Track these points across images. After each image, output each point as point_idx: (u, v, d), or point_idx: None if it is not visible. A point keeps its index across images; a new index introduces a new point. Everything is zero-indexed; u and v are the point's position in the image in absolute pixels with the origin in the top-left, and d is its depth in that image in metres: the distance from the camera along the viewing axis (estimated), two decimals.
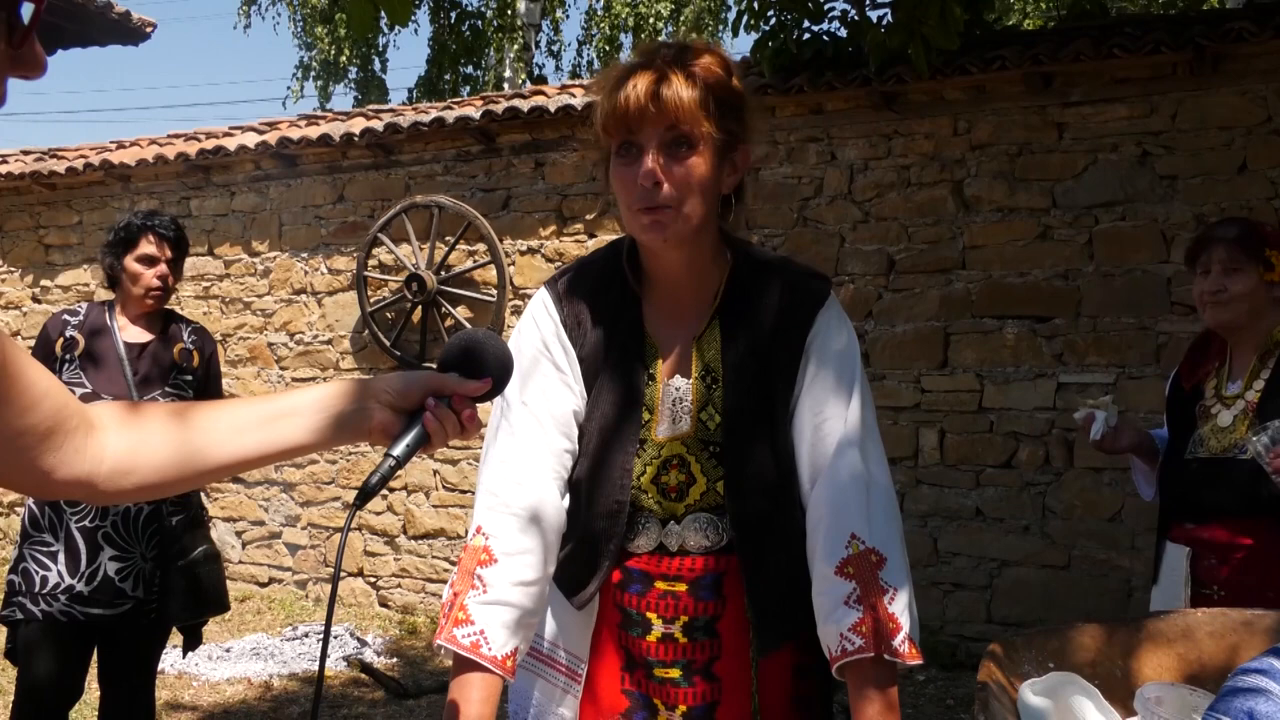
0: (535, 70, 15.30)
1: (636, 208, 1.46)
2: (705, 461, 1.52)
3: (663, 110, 1.41)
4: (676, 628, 1.52)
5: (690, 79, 1.43)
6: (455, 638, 1.39)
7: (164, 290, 3.07)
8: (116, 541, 2.90)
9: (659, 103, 1.41)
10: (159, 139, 7.23)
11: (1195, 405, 2.56)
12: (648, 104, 1.41)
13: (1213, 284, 2.51)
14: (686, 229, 1.46)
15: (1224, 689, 1.07)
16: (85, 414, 0.99)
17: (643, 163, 1.43)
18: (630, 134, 1.45)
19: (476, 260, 6.27)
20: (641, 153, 1.44)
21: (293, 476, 6.80)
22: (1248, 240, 2.48)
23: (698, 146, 1.44)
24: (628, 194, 1.46)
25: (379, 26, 13.33)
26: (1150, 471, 2.76)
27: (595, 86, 1.52)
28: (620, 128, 1.45)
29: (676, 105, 1.41)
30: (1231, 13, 5.07)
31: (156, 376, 3.03)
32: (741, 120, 1.49)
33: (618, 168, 1.47)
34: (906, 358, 5.29)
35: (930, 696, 4.75)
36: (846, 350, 1.54)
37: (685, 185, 1.44)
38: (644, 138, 1.44)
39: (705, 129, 1.43)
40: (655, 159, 1.43)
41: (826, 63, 5.26)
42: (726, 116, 1.46)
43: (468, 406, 1.10)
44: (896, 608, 1.40)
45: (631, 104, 1.42)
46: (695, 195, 1.45)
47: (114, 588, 2.89)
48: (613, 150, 1.48)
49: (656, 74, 1.43)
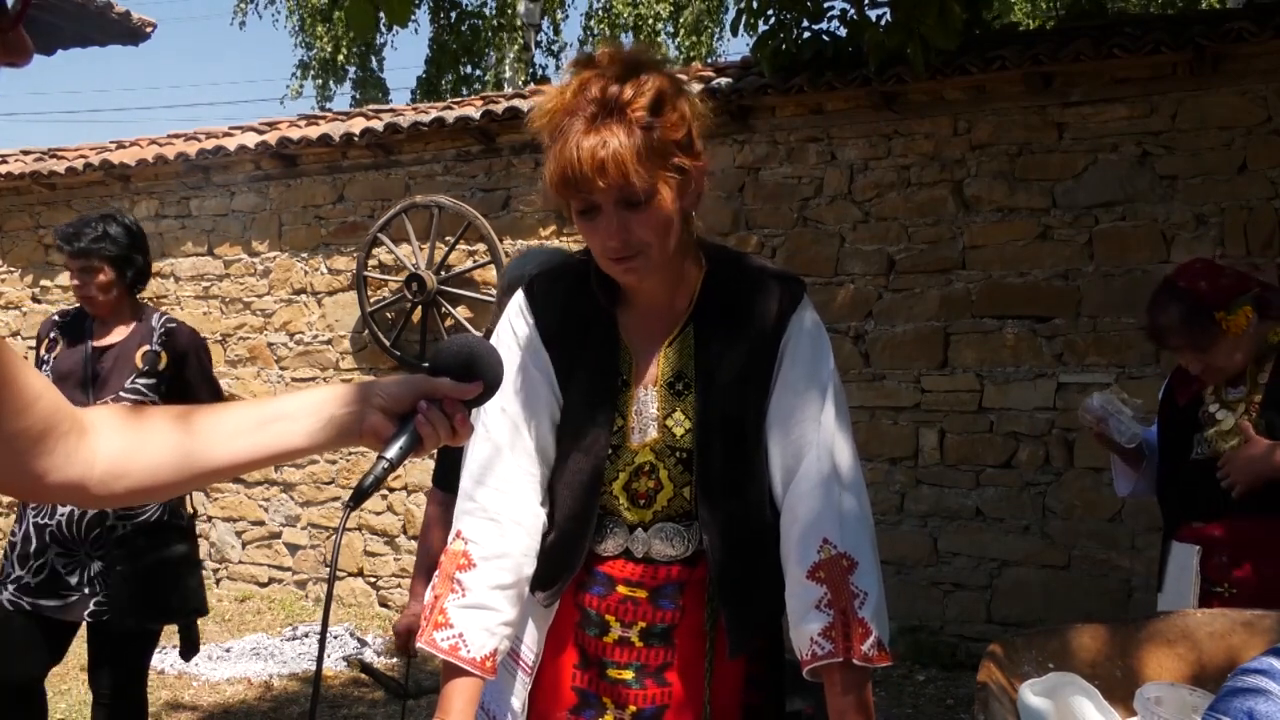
0: (538, 71, 15.30)
1: (607, 259, 1.47)
2: (673, 468, 1.53)
3: (609, 176, 1.38)
4: (634, 633, 1.54)
5: (629, 129, 1.38)
6: (435, 640, 1.45)
7: (105, 299, 3.03)
8: (61, 539, 2.94)
9: (604, 171, 1.38)
10: (159, 139, 7.23)
11: (1197, 411, 2.57)
12: (594, 175, 1.38)
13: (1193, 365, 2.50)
14: (659, 265, 1.48)
15: (1224, 689, 1.07)
16: (78, 417, 0.98)
17: (602, 224, 1.43)
18: (585, 197, 1.42)
19: (476, 260, 6.27)
20: (599, 211, 1.43)
21: (293, 477, 6.80)
22: (1196, 319, 2.43)
23: (654, 198, 1.42)
24: (595, 247, 1.47)
25: (378, 26, 13.34)
26: (1129, 470, 2.78)
27: (537, 118, 1.45)
28: (573, 194, 1.43)
29: (621, 169, 1.37)
30: (1231, 13, 5.07)
31: (114, 380, 2.99)
32: (690, 146, 1.46)
33: (582, 224, 1.46)
34: (906, 358, 5.29)
35: (930, 696, 4.74)
36: (820, 353, 1.54)
37: (650, 233, 1.43)
38: (599, 198, 1.42)
39: (656, 180, 1.41)
40: (613, 219, 1.42)
41: (826, 63, 5.26)
42: (676, 152, 1.43)
43: (459, 410, 1.11)
44: (867, 612, 1.42)
45: (578, 175, 1.39)
46: (661, 237, 1.45)
47: (60, 583, 2.91)
48: (573, 209, 1.45)
49: (595, 132, 1.38)
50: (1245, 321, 2.41)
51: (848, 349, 5.35)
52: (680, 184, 1.45)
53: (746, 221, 5.63)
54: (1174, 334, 2.47)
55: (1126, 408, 2.72)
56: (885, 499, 5.23)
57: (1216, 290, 2.45)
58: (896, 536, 5.17)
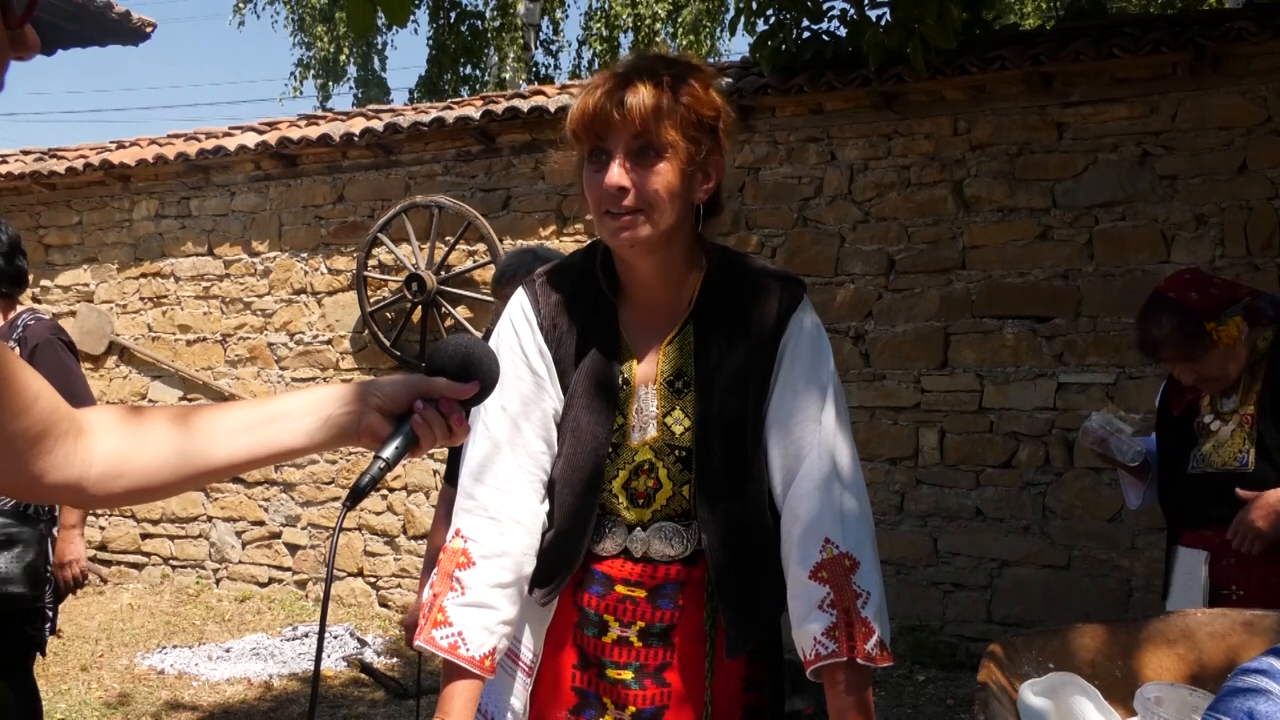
0: (540, 70, 15.29)
1: (603, 211, 1.47)
2: (671, 467, 1.53)
3: (627, 117, 1.42)
4: (632, 632, 1.54)
5: (658, 87, 1.44)
6: (434, 639, 1.45)
7: None
8: None
9: (623, 110, 1.42)
10: (159, 139, 7.23)
11: (1192, 422, 2.56)
12: (612, 111, 1.43)
13: (1186, 377, 2.49)
14: (655, 235, 1.47)
15: (1224, 689, 1.07)
16: (76, 418, 0.99)
17: (610, 169, 1.45)
18: (598, 140, 1.46)
19: (476, 260, 6.27)
20: (610, 159, 1.45)
21: (293, 476, 6.80)
22: (1188, 326, 2.42)
23: (665, 154, 1.45)
24: (595, 198, 1.48)
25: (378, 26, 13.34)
26: (1137, 482, 2.77)
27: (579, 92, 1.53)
28: (587, 133, 1.46)
29: (641, 112, 1.42)
30: (1231, 13, 5.06)
31: None
32: (714, 132, 1.49)
33: (588, 173, 1.49)
34: (906, 358, 5.29)
35: (930, 696, 4.74)
36: (820, 354, 1.54)
37: (652, 192, 1.45)
38: (611, 144, 1.45)
39: (672, 137, 1.44)
40: (622, 165, 1.44)
41: (826, 63, 5.26)
42: (696, 126, 1.46)
43: (456, 410, 1.11)
44: (869, 612, 1.43)
45: (597, 110, 1.44)
46: (663, 202, 1.45)
47: None
48: (585, 155, 1.49)
49: (625, 82, 1.44)
50: (1236, 331, 2.40)
51: (848, 349, 5.35)
52: (693, 162, 1.47)
53: (746, 221, 5.63)
54: (1165, 346, 2.46)
55: (1125, 425, 2.72)
56: (885, 499, 5.23)
57: (1206, 301, 2.43)
58: (896, 536, 5.17)
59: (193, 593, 6.87)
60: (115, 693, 4.94)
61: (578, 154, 1.52)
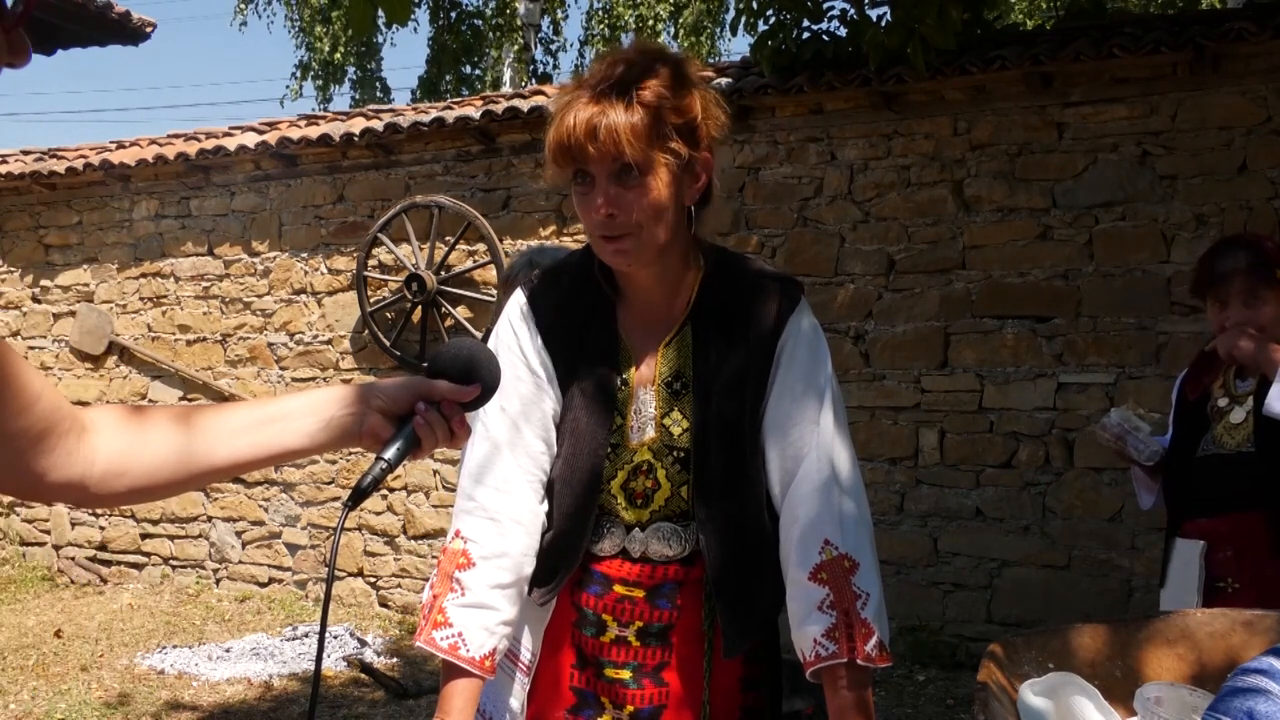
0: (540, 69, 15.29)
1: (597, 235, 1.47)
2: (670, 467, 1.53)
3: (602, 145, 1.40)
4: (630, 632, 1.54)
5: (629, 105, 1.41)
6: (434, 640, 1.46)
7: None
8: None
9: (597, 139, 1.40)
10: (159, 139, 7.22)
11: (1206, 406, 2.56)
12: (586, 142, 1.41)
13: (1239, 316, 2.43)
14: (650, 251, 1.47)
15: (1224, 689, 1.07)
16: (78, 416, 0.99)
17: (595, 195, 1.44)
18: (580, 164, 1.45)
19: (476, 260, 6.27)
20: (594, 182, 1.45)
21: (293, 476, 6.80)
22: (1261, 267, 2.42)
23: (648, 172, 1.43)
24: (588, 221, 1.48)
25: (378, 26, 13.34)
26: (1151, 483, 2.76)
27: (554, 100, 1.51)
28: (567, 160, 1.45)
29: (615, 138, 1.40)
30: (1231, 13, 5.06)
31: None
32: (694, 134, 1.47)
33: (577, 194, 1.48)
34: (906, 358, 5.29)
35: (930, 696, 4.74)
36: (818, 356, 1.55)
37: (641, 212, 1.44)
38: (594, 169, 1.44)
39: (651, 155, 1.42)
40: (606, 191, 1.43)
41: (826, 63, 5.26)
42: (674, 135, 1.44)
43: (457, 412, 1.11)
44: (869, 613, 1.43)
45: (572, 140, 1.42)
46: (653, 219, 1.45)
47: None
48: (569, 177, 1.48)
49: (595, 104, 1.42)
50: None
51: (848, 349, 5.35)
52: (678, 170, 1.46)
53: (746, 221, 5.63)
54: (1236, 279, 2.43)
55: (1144, 424, 2.70)
56: (885, 499, 5.23)
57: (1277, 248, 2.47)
58: (896, 537, 5.17)
59: (193, 593, 6.87)
60: (115, 693, 4.94)
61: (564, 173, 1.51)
